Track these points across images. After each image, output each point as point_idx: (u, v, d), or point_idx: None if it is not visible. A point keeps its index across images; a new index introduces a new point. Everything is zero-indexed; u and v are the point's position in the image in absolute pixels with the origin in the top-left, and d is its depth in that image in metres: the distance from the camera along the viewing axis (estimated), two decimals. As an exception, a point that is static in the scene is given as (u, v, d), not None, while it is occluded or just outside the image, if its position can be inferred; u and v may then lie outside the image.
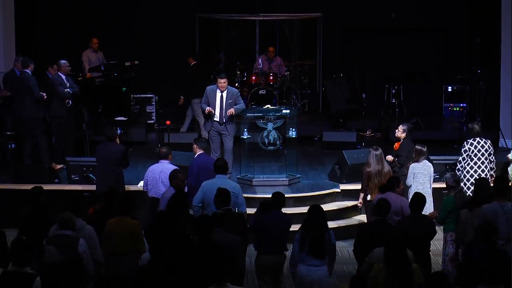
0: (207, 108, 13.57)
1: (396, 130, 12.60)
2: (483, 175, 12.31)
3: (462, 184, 12.26)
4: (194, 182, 11.56)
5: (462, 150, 12.46)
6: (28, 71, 14.30)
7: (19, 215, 10.30)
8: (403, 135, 12.48)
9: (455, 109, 18.87)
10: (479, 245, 8.54)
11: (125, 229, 9.39)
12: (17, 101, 14.39)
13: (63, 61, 14.68)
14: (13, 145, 15.14)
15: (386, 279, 7.77)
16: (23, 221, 9.89)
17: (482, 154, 12.40)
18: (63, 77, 14.65)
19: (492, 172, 12.56)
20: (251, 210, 12.96)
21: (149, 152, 15.67)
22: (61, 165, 14.34)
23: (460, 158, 12.49)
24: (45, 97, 14.34)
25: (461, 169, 12.42)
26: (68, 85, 14.63)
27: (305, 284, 8.96)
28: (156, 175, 11.58)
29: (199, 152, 12.05)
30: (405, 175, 11.92)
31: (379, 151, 11.89)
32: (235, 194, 10.45)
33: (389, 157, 12.37)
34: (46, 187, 12.47)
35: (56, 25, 18.55)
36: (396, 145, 12.62)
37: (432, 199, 11.79)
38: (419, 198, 9.83)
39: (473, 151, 12.39)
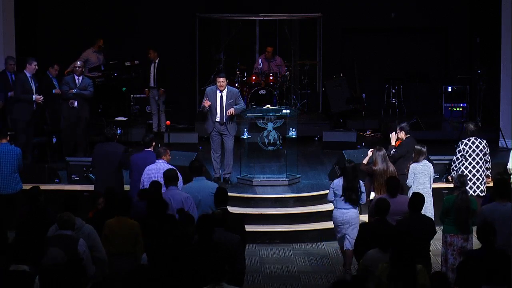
0: (204, 103, 13.56)
1: (397, 133, 12.49)
2: (477, 175, 12.33)
3: None
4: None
5: (457, 150, 12.49)
6: (26, 71, 14.28)
7: (18, 215, 10.28)
8: (402, 134, 12.44)
9: (455, 109, 18.85)
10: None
11: (124, 229, 9.38)
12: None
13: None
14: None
15: (389, 279, 7.75)
16: (22, 221, 9.89)
17: (477, 154, 12.40)
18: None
19: (488, 172, 12.57)
20: (251, 210, 13.02)
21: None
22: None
23: (454, 158, 12.51)
24: (41, 99, 14.29)
25: (455, 169, 12.44)
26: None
27: (338, 223, 11.11)
28: (152, 174, 11.48)
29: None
30: (405, 175, 11.89)
31: (383, 151, 11.85)
32: (213, 194, 10.30)
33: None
34: (46, 187, 12.49)
35: (56, 25, 18.54)
36: (397, 142, 12.55)
37: (432, 199, 11.76)
38: (419, 198, 9.83)
39: (467, 151, 12.39)
